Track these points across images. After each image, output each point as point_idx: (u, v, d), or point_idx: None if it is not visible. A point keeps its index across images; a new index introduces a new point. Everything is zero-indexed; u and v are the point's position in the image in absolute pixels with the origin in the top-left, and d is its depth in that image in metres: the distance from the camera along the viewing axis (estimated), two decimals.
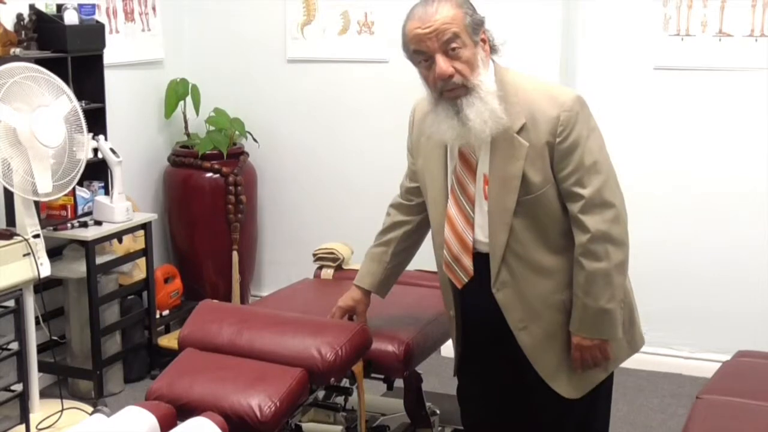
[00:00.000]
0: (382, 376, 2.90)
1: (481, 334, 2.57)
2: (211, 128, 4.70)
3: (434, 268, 2.65)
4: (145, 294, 4.20)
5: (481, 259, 2.44)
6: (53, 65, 3.60)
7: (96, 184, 4.09)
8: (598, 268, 2.33)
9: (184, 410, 2.40)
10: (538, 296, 2.42)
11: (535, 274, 2.40)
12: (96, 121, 3.96)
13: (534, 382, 2.48)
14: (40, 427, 3.52)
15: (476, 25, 2.29)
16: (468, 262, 2.44)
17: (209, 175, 4.59)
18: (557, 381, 2.46)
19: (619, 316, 2.41)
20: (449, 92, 2.30)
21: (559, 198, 2.36)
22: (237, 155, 4.67)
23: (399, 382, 3.03)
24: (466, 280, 2.48)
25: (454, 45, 2.26)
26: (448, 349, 3.63)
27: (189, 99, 4.72)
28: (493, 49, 2.36)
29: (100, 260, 3.89)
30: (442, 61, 2.27)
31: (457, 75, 2.28)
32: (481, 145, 2.35)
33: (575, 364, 2.44)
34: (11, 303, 3.35)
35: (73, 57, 3.86)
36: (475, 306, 2.53)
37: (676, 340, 4.20)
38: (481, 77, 2.29)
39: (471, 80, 2.28)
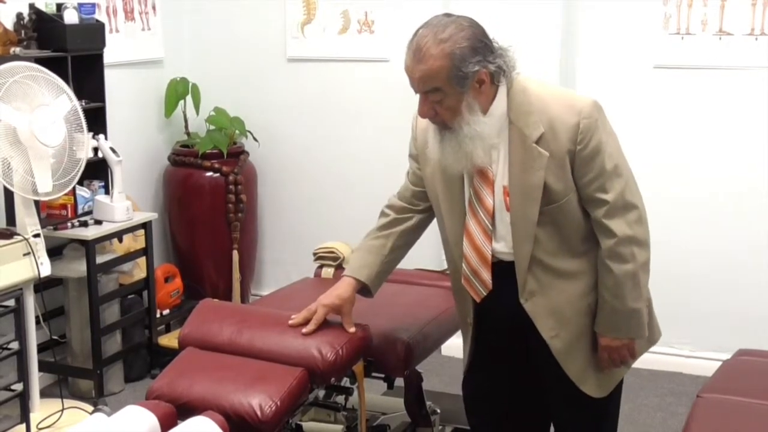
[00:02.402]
0: (382, 375, 2.89)
1: (499, 341, 2.55)
2: (211, 127, 4.70)
3: (433, 267, 2.62)
4: (145, 293, 4.20)
5: (502, 268, 2.41)
6: (53, 64, 3.60)
7: (96, 184, 4.09)
8: (626, 270, 2.33)
9: (185, 409, 2.39)
10: (566, 301, 2.40)
11: (560, 280, 2.39)
12: (96, 121, 3.96)
13: (553, 384, 2.48)
14: (40, 426, 3.51)
15: (464, 78, 2.21)
16: (486, 275, 2.41)
17: (209, 174, 4.59)
18: (586, 382, 2.45)
19: (645, 315, 2.42)
20: (435, 122, 2.32)
21: (580, 204, 2.35)
22: (237, 154, 4.67)
23: (399, 381, 3.02)
24: (485, 294, 2.44)
25: (433, 98, 2.25)
26: (448, 348, 3.64)
27: (189, 98, 4.71)
28: (504, 75, 2.29)
29: (100, 259, 3.89)
30: (422, 102, 2.28)
31: (437, 116, 2.29)
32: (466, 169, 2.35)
33: (603, 364, 2.44)
34: (11, 302, 3.34)
35: (73, 56, 3.86)
36: (494, 314, 2.50)
37: (676, 338, 4.20)
38: (465, 120, 2.26)
39: (451, 124, 2.28)
